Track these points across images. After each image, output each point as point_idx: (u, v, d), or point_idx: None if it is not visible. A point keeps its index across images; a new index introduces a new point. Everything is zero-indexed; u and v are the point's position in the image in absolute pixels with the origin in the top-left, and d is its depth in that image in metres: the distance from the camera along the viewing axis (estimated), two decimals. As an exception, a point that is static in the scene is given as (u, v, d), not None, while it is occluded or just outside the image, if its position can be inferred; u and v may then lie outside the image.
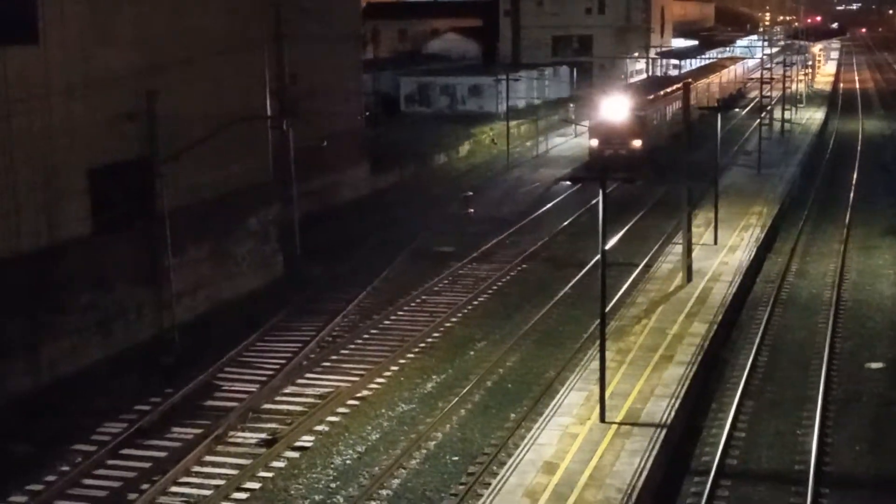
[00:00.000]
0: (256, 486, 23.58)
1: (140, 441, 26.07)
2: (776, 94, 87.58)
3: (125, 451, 25.51)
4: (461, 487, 23.34)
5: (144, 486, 23.51)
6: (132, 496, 23.07)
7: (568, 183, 58.35)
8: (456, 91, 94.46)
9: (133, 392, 29.17)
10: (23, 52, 29.10)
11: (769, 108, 78.75)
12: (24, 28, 29.34)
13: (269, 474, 24.14)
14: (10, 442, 25.83)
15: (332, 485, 23.68)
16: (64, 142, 30.42)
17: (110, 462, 24.95)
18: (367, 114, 67.63)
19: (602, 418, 24.92)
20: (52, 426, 26.81)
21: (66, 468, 24.58)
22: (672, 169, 57.00)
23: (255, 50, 39.53)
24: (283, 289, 39.82)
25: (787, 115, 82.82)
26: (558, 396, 26.76)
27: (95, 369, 30.68)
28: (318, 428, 26.62)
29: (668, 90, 76.04)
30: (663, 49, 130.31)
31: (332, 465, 24.65)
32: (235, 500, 22.94)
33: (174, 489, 23.53)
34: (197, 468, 24.52)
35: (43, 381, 29.23)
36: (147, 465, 24.62)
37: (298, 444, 25.73)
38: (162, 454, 25.17)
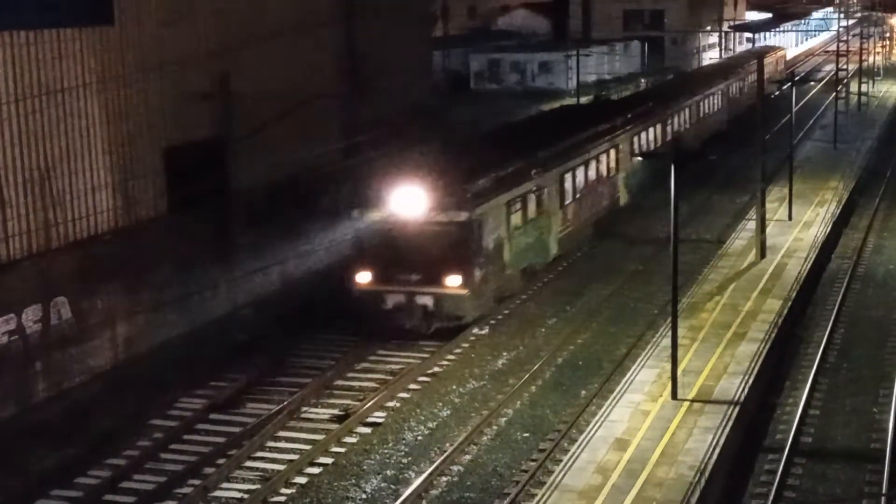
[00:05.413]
0: (329, 460, 23.85)
1: (215, 416, 26.48)
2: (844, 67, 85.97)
3: (200, 426, 25.95)
4: (532, 464, 23.40)
5: (220, 461, 23.90)
6: (208, 470, 23.47)
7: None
8: (526, 68, 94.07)
9: (208, 368, 29.62)
10: (99, 33, 29.54)
11: (845, 81, 77.32)
12: (100, 9, 29.78)
13: (342, 449, 24.40)
14: (92, 415, 26.40)
15: (404, 460, 23.87)
16: (140, 121, 30.87)
17: (186, 437, 25.40)
18: (438, 91, 67.60)
19: (674, 395, 24.80)
20: (129, 402, 27.31)
21: (144, 442, 25.06)
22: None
23: (327, 29, 39.72)
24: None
25: (863, 88, 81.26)
26: (629, 373, 26.68)
27: (171, 346, 31.18)
28: (390, 404, 26.82)
29: (571, 143, 39.93)
30: (736, 22, 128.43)
31: (404, 441, 24.84)
32: (309, 474, 23.24)
33: (249, 464, 23.89)
34: (271, 443, 24.87)
35: (120, 358, 29.78)
36: (222, 439, 25.01)
37: (370, 419, 25.96)
38: (237, 429, 25.54)
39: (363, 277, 30.92)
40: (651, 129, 50.01)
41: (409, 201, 30.12)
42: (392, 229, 30.53)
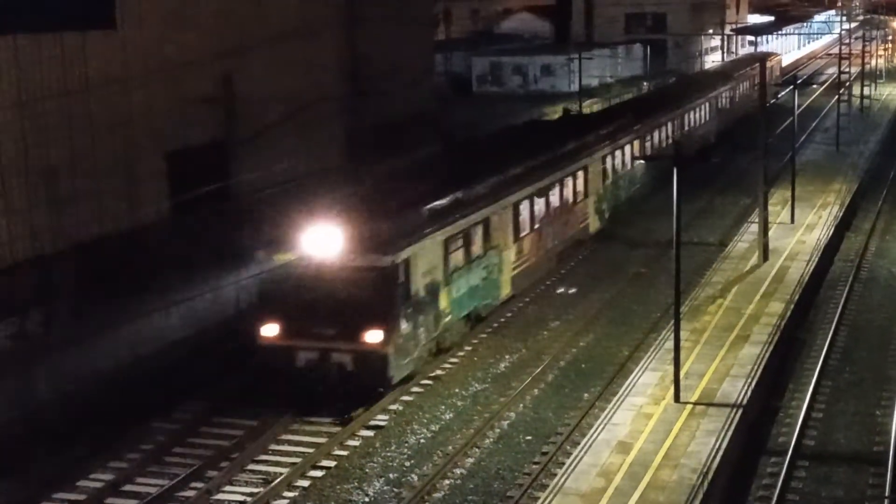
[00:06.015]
0: (332, 464, 23.85)
1: (219, 419, 26.46)
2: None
3: (204, 430, 25.93)
4: (535, 467, 23.39)
5: (223, 464, 23.90)
6: (211, 473, 23.47)
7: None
8: (528, 70, 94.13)
9: (211, 372, 29.59)
10: (102, 37, 29.59)
11: (848, 84, 77.32)
12: (103, 13, 29.85)
13: (345, 453, 24.40)
14: (94, 420, 26.40)
15: (407, 463, 23.87)
16: (143, 125, 30.92)
17: (190, 440, 25.39)
18: (440, 94, 67.58)
19: (676, 398, 24.79)
20: (133, 405, 27.30)
21: (147, 446, 25.05)
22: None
23: (329, 32, 39.81)
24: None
25: (866, 91, 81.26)
26: (632, 376, 26.67)
27: (175, 349, 31.16)
28: (393, 407, 26.82)
29: (531, 166, 35.28)
30: (739, 25, 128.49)
31: (407, 444, 24.84)
32: (312, 477, 23.23)
33: (252, 467, 23.88)
34: (274, 446, 24.86)
35: (124, 362, 29.74)
36: (225, 443, 25.01)
37: (373, 423, 25.95)
38: (240, 432, 25.53)
39: (270, 330, 26.24)
40: (627, 147, 45.56)
41: (322, 242, 25.73)
42: (304, 275, 26.00)
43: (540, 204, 35.29)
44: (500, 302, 33.01)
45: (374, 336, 25.36)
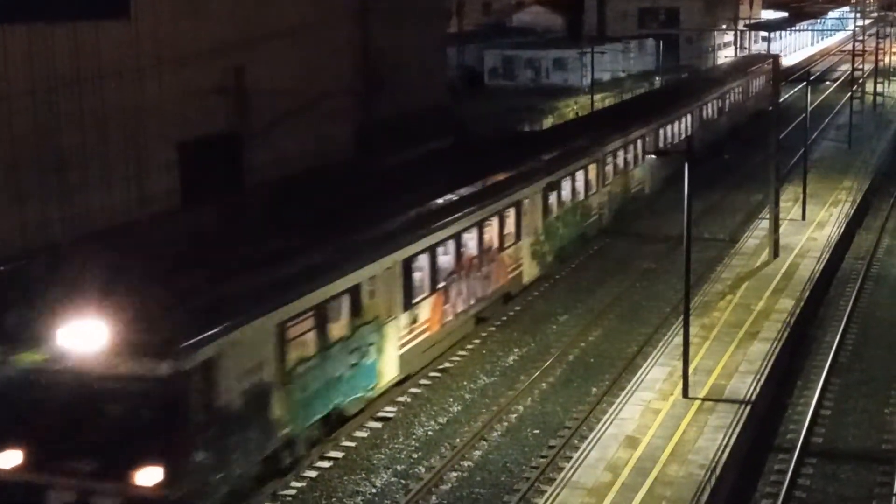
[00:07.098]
0: (340, 455, 23.90)
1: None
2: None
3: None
4: (542, 460, 23.42)
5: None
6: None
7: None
8: (540, 64, 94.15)
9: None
10: (115, 27, 29.66)
11: (861, 81, 77.08)
12: (117, 3, 29.92)
13: (352, 444, 24.44)
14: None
15: (415, 455, 23.91)
16: (154, 115, 31.00)
17: (198, 429, 25.42)
18: (452, 87, 67.54)
19: (685, 394, 24.78)
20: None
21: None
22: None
23: (342, 24, 39.82)
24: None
25: (879, 88, 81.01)
26: (640, 371, 26.66)
27: None
28: (401, 399, 26.86)
29: (436, 207, 28.36)
30: (752, 21, 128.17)
31: (415, 436, 24.88)
32: (319, 468, 23.28)
33: (260, 457, 23.90)
34: (282, 437, 24.83)
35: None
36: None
37: (381, 414, 26.00)
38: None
39: (8, 459, 18.54)
40: (580, 174, 37.78)
41: (81, 338, 17.95)
42: (56, 384, 18.27)
43: (447, 255, 28.03)
44: (381, 392, 25.52)
45: (149, 475, 17.98)
